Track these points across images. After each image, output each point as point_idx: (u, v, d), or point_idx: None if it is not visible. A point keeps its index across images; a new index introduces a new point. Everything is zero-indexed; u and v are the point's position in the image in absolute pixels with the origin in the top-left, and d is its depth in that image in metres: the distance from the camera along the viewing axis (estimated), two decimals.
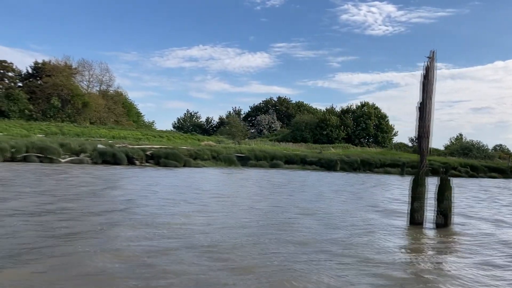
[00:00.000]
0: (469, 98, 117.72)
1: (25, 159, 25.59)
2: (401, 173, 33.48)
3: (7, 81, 49.87)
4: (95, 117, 53.90)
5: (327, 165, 34.43)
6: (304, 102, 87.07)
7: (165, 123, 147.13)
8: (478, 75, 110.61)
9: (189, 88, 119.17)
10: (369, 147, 63.21)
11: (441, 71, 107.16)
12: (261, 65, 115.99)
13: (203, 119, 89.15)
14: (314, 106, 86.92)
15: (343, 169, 34.28)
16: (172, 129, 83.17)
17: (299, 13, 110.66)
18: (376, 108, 72.63)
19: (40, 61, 53.83)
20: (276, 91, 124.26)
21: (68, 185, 14.11)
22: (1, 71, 49.66)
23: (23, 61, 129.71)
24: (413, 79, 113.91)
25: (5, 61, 50.12)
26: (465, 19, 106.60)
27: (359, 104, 73.47)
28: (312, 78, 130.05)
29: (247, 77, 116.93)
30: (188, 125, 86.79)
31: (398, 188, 20.72)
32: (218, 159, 32.88)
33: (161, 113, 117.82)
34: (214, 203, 11.53)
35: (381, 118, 71.86)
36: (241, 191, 15.77)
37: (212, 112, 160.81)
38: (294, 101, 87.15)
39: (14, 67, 51.67)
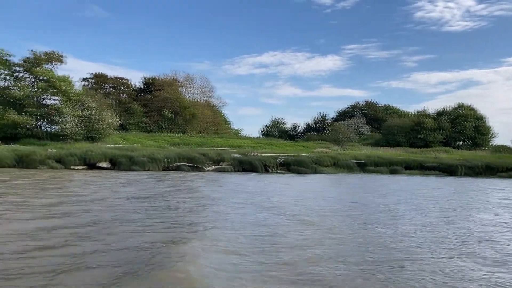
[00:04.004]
0: None
1: (177, 168, 28.43)
2: None
3: (125, 96, 54.58)
4: (201, 127, 57.33)
5: (448, 170, 34.29)
6: (392, 105, 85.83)
7: (243, 130, 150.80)
8: None
9: (259, 94, 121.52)
10: (469, 150, 61.25)
11: None
12: (333, 68, 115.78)
13: (288, 125, 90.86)
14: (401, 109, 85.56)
15: (465, 174, 33.95)
16: (260, 135, 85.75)
17: (371, 13, 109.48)
18: (473, 109, 70.11)
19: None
20: (348, 93, 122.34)
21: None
22: (120, 87, 54.49)
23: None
24: (496, 76, 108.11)
25: (122, 78, 55.09)
26: None
27: (454, 105, 71.39)
28: (386, 79, 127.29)
29: (318, 81, 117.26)
30: (275, 131, 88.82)
31: None
32: (338, 165, 34.08)
33: (234, 120, 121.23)
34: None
35: (478, 119, 69.22)
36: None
37: (284, 117, 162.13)
38: (381, 104, 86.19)
39: (129, 83, 56.47)
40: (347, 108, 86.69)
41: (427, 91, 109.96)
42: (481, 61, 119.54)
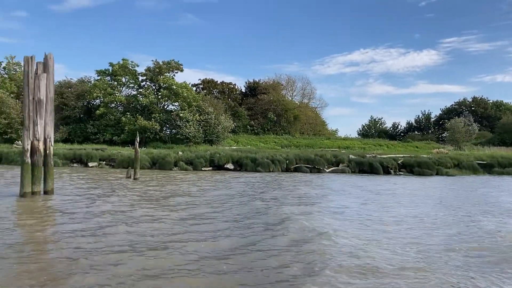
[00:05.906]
0: None
1: (296, 170, 29.11)
2: None
3: (231, 100, 56.93)
4: (302, 128, 57.88)
5: None
6: (504, 101, 79.44)
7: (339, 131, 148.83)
8: None
9: (350, 94, 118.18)
10: None
11: None
12: (428, 63, 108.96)
13: (387, 124, 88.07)
14: None
15: None
16: (357, 136, 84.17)
17: (471, 3, 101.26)
18: None
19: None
20: (446, 89, 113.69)
21: None
22: (228, 92, 56.99)
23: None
24: None
25: (229, 83, 57.48)
26: None
27: None
28: (489, 72, 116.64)
29: (413, 77, 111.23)
30: (373, 131, 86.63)
31: None
32: (462, 167, 32.41)
33: (326, 121, 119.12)
34: None
35: None
36: None
37: (376, 116, 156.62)
38: (491, 101, 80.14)
39: (235, 87, 58.81)
40: (453, 105, 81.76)
41: None
42: None
